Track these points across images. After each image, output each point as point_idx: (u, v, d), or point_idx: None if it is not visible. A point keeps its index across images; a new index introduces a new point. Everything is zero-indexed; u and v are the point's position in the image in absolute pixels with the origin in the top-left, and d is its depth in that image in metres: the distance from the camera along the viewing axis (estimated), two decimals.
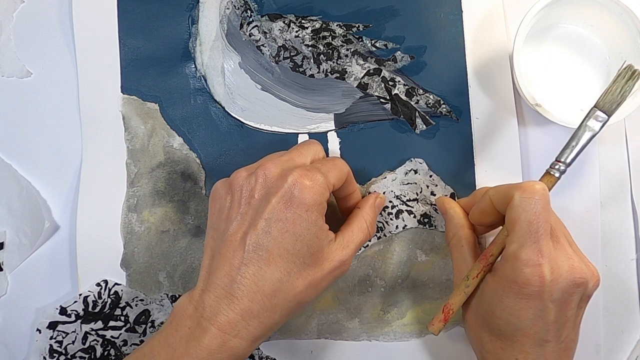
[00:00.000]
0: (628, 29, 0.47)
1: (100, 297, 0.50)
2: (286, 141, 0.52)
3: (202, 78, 0.52)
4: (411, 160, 0.51)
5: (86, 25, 0.52)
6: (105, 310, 0.50)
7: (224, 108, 0.52)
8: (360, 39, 0.51)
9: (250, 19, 0.52)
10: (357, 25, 0.52)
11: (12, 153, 0.52)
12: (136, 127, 0.52)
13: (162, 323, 0.50)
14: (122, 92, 0.52)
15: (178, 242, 0.51)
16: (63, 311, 0.50)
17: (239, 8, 0.52)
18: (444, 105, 0.51)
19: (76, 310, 0.50)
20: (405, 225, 0.51)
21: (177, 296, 0.51)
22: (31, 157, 0.52)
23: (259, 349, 0.51)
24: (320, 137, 0.51)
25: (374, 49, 0.51)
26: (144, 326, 0.50)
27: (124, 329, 0.50)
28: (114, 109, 0.52)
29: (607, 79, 0.50)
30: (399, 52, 0.51)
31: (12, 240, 0.52)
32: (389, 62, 0.51)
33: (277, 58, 0.52)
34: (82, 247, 0.51)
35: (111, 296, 0.50)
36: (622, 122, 0.51)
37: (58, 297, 0.51)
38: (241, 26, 0.52)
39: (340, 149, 0.51)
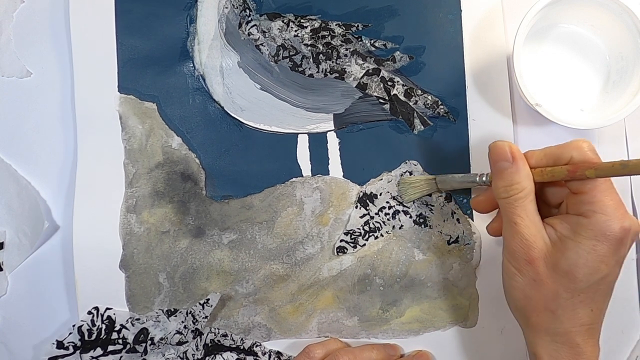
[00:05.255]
0: (628, 29, 0.47)
1: (94, 325, 0.50)
2: (286, 141, 0.51)
3: (201, 77, 0.52)
4: (406, 162, 0.51)
5: (83, 24, 0.52)
6: (101, 336, 0.50)
7: (223, 108, 0.52)
8: (360, 39, 0.51)
9: (249, 18, 0.52)
10: (356, 25, 0.51)
11: (12, 153, 0.52)
12: (134, 127, 0.52)
13: (161, 339, 0.50)
14: (119, 91, 0.52)
15: (178, 243, 0.51)
16: (60, 345, 0.50)
17: (237, 7, 0.52)
18: (442, 106, 0.51)
19: (73, 342, 0.50)
20: (402, 225, 0.51)
21: (173, 310, 0.51)
22: (31, 157, 0.52)
23: (260, 344, 0.51)
24: (320, 138, 0.51)
25: (373, 48, 0.51)
26: (144, 345, 0.50)
27: (124, 350, 0.50)
28: (111, 108, 0.51)
29: (607, 78, 0.50)
30: (398, 52, 0.51)
31: (11, 240, 0.52)
32: (388, 62, 0.51)
33: (276, 57, 0.51)
34: (79, 248, 0.51)
35: (105, 322, 0.50)
36: (622, 122, 0.51)
37: (58, 297, 0.52)
38: (240, 25, 0.52)
39: (339, 149, 0.51)
